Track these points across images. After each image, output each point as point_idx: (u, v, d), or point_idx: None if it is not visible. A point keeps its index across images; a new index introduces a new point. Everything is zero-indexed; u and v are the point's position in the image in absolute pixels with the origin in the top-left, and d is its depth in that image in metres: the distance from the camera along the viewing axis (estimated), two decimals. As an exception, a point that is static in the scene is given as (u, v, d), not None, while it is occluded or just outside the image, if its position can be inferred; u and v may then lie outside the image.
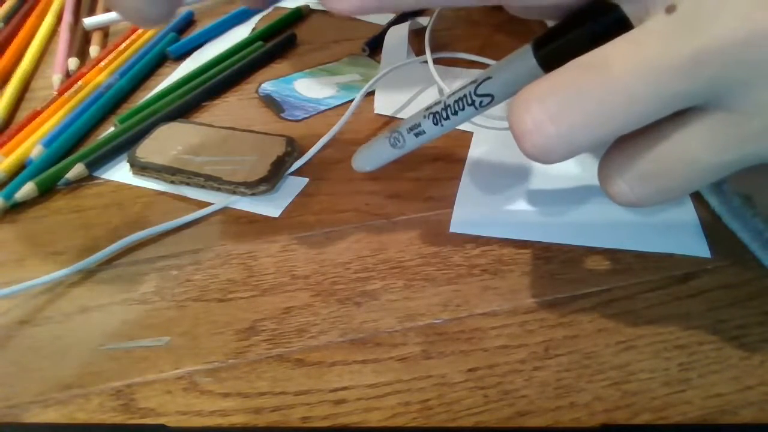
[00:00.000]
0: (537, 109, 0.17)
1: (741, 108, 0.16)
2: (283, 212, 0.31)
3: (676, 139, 0.17)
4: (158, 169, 0.33)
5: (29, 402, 0.23)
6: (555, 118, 0.17)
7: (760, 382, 0.23)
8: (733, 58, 0.16)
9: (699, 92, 0.16)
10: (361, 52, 0.44)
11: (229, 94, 0.40)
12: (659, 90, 0.16)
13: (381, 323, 0.25)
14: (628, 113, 0.16)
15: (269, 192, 0.32)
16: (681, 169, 0.18)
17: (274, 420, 0.22)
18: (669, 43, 0.16)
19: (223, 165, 0.32)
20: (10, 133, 0.36)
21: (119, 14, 0.22)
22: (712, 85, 0.16)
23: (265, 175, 0.32)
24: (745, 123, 0.17)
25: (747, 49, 0.15)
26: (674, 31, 0.16)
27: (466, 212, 0.30)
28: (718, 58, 0.16)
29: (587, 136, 0.17)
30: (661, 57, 0.16)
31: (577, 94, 0.17)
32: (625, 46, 0.16)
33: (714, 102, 0.17)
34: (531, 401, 0.22)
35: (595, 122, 0.17)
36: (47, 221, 0.31)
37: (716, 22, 0.15)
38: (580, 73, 0.17)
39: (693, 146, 0.17)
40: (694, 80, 0.16)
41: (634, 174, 0.18)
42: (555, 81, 0.17)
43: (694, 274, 0.27)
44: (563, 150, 0.17)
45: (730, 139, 0.17)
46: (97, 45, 0.45)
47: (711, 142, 0.17)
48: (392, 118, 0.37)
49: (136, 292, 0.27)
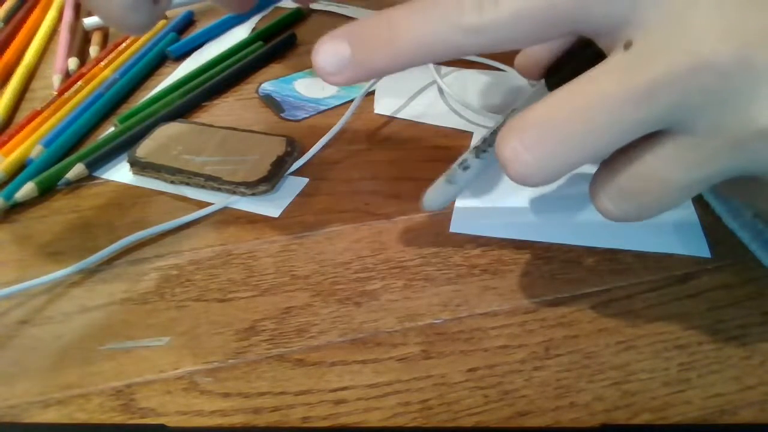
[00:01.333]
0: (515, 140, 0.19)
1: (700, 130, 0.18)
2: (283, 212, 0.31)
3: (648, 160, 0.19)
4: (158, 169, 0.33)
5: (29, 402, 0.23)
6: (530, 147, 0.18)
7: (760, 382, 0.23)
8: (682, 87, 0.17)
9: (657, 119, 0.18)
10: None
11: (229, 94, 0.40)
12: (618, 119, 0.18)
13: (381, 323, 0.25)
14: (593, 141, 0.18)
15: (269, 192, 0.32)
16: (655, 187, 0.19)
17: (274, 420, 0.22)
18: (626, 77, 0.18)
19: (223, 165, 0.32)
20: (10, 133, 0.36)
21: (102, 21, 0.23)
22: (668, 112, 0.18)
23: (265, 175, 0.32)
24: (705, 144, 0.18)
25: (694, 78, 0.17)
26: (630, 66, 0.18)
27: (466, 212, 0.30)
28: (669, 88, 0.17)
29: (561, 162, 0.19)
30: (618, 89, 0.18)
31: (548, 126, 0.18)
32: (587, 81, 0.18)
33: (677, 126, 0.18)
34: (531, 401, 0.22)
35: (566, 150, 0.18)
36: (47, 221, 0.31)
37: (665, 56, 0.17)
38: (551, 107, 0.19)
39: (663, 166, 0.19)
40: (649, 109, 0.18)
41: (616, 192, 0.20)
42: (530, 115, 0.19)
43: (694, 274, 0.27)
44: (542, 175, 0.19)
45: (694, 158, 0.18)
46: (97, 45, 0.45)
47: (678, 162, 0.19)
48: (392, 118, 0.37)
49: (136, 292, 0.27)
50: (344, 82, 0.20)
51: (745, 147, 0.18)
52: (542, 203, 0.31)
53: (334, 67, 0.20)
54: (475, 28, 0.18)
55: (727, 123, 0.18)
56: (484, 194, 0.31)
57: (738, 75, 0.17)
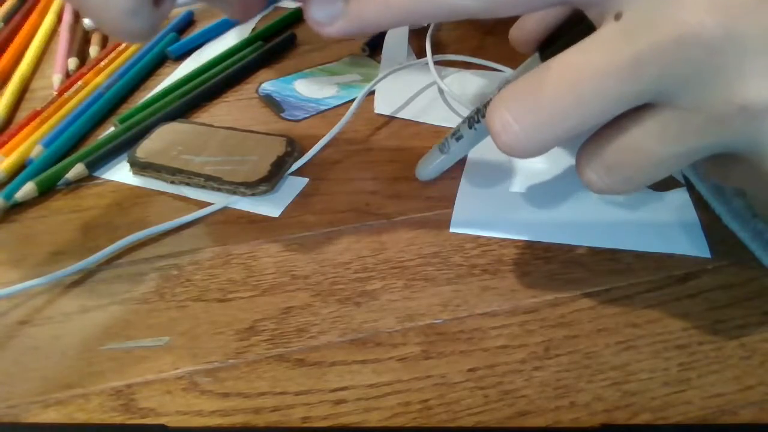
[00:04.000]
0: (504, 111, 0.19)
1: (684, 104, 0.18)
2: (283, 212, 0.31)
3: (633, 133, 0.19)
4: (158, 169, 0.33)
5: (29, 402, 0.23)
6: (518, 118, 0.19)
7: (760, 382, 0.23)
8: (669, 59, 0.17)
9: (643, 91, 0.18)
10: (361, 52, 0.44)
11: (229, 94, 0.40)
12: (605, 91, 0.18)
13: (381, 323, 0.25)
14: (580, 113, 0.18)
15: (269, 192, 0.32)
16: (639, 159, 0.19)
17: (274, 420, 0.22)
18: (613, 49, 0.18)
19: (223, 165, 0.32)
20: (10, 133, 0.36)
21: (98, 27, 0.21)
22: (655, 84, 0.18)
23: (265, 175, 0.32)
24: (690, 117, 0.18)
25: (680, 50, 0.17)
26: (617, 38, 0.18)
27: (466, 212, 0.30)
28: (655, 60, 0.17)
29: (549, 133, 0.19)
30: (605, 61, 0.18)
31: (537, 97, 0.19)
32: (576, 53, 0.18)
33: (661, 99, 0.18)
34: (531, 401, 0.22)
35: (554, 121, 0.19)
36: (47, 221, 0.31)
37: (652, 27, 0.17)
38: (540, 78, 0.19)
39: (647, 139, 0.19)
40: (636, 81, 0.18)
41: (601, 164, 0.20)
42: (519, 86, 0.19)
43: (694, 274, 0.27)
44: (530, 146, 0.19)
45: (678, 132, 0.19)
46: (97, 45, 0.45)
47: (662, 135, 0.19)
48: (392, 118, 0.37)
49: (136, 292, 0.27)
50: (336, 34, 0.20)
51: (727, 122, 0.18)
52: (543, 203, 0.31)
53: (326, 18, 0.20)
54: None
55: (710, 97, 0.18)
56: (484, 194, 0.31)
57: (723, 48, 0.17)
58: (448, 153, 0.26)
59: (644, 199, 0.31)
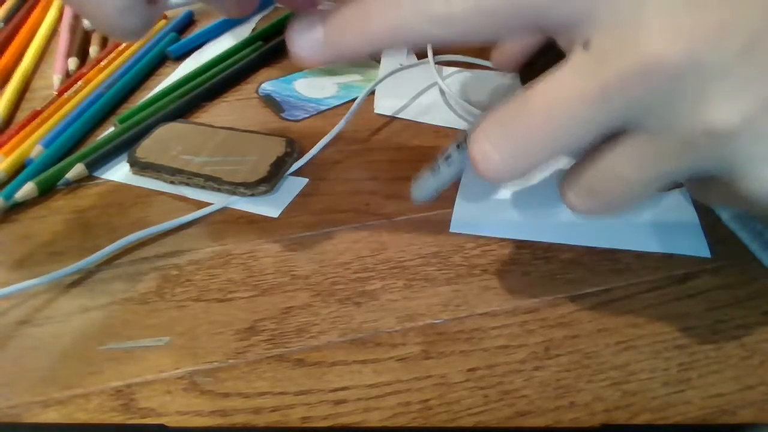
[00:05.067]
0: (484, 140, 0.19)
1: (654, 129, 0.18)
2: (283, 212, 0.31)
3: (609, 158, 0.20)
4: (158, 169, 0.33)
5: (29, 402, 0.23)
6: (497, 147, 0.19)
7: (760, 382, 0.23)
8: (635, 87, 0.17)
9: (613, 118, 0.18)
10: (361, 52, 0.44)
11: (229, 94, 0.40)
12: (576, 119, 0.18)
13: (381, 323, 0.25)
14: (555, 140, 0.19)
15: (269, 193, 0.32)
16: (615, 185, 0.20)
17: (274, 420, 0.22)
18: (581, 78, 0.18)
19: (222, 165, 0.32)
20: (10, 133, 0.36)
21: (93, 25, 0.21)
22: (623, 111, 0.18)
23: (265, 175, 0.32)
24: (661, 142, 0.19)
25: (645, 79, 0.17)
26: (585, 67, 0.18)
27: (466, 212, 0.30)
28: (622, 89, 0.18)
29: (527, 160, 0.19)
30: (575, 91, 0.18)
31: (514, 126, 0.19)
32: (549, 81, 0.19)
33: (632, 125, 0.19)
34: (531, 401, 0.22)
35: (530, 149, 0.19)
36: (47, 221, 0.31)
37: (617, 57, 0.17)
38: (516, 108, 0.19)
39: (622, 164, 0.19)
40: (604, 109, 0.18)
41: (581, 188, 0.21)
42: (498, 116, 0.20)
43: (694, 274, 0.27)
44: (509, 172, 0.20)
45: (652, 157, 0.19)
46: (97, 45, 0.45)
47: (636, 160, 0.19)
48: (392, 119, 0.37)
49: (136, 292, 0.27)
50: (317, 63, 0.21)
51: (696, 146, 0.18)
52: (543, 203, 0.31)
53: (307, 49, 0.20)
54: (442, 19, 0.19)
55: (678, 123, 0.18)
56: (484, 194, 0.31)
57: (687, 75, 0.17)
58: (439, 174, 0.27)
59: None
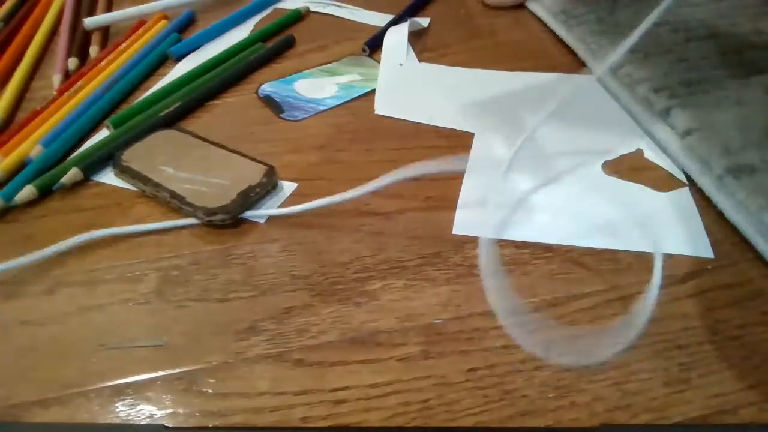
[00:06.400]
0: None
1: None
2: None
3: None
4: (133, 175, 0.32)
5: (29, 402, 0.23)
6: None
7: (760, 382, 0.23)
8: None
9: None
10: (361, 52, 0.44)
11: (229, 95, 0.40)
12: None
13: (381, 323, 0.25)
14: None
15: (227, 223, 0.30)
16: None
17: (274, 420, 0.22)
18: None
19: (192, 184, 0.31)
20: (10, 132, 0.36)
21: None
22: None
23: (227, 204, 0.30)
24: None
25: None
26: None
27: (469, 213, 0.30)
28: None
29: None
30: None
31: None
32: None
33: None
34: (531, 401, 0.22)
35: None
36: (47, 221, 0.31)
37: None
38: None
39: None
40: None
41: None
42: None
43: (694, 274, 0.27)
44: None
45: None
46: (97, 45, 0.45)
47: None
48: (392, 118, 0.37)
49: (136, 292, 0.27)
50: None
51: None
52: (543, 204, 0.31)
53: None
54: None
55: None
56: (486, 194, 0.31)
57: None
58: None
59: (645, 198, 0.31)
